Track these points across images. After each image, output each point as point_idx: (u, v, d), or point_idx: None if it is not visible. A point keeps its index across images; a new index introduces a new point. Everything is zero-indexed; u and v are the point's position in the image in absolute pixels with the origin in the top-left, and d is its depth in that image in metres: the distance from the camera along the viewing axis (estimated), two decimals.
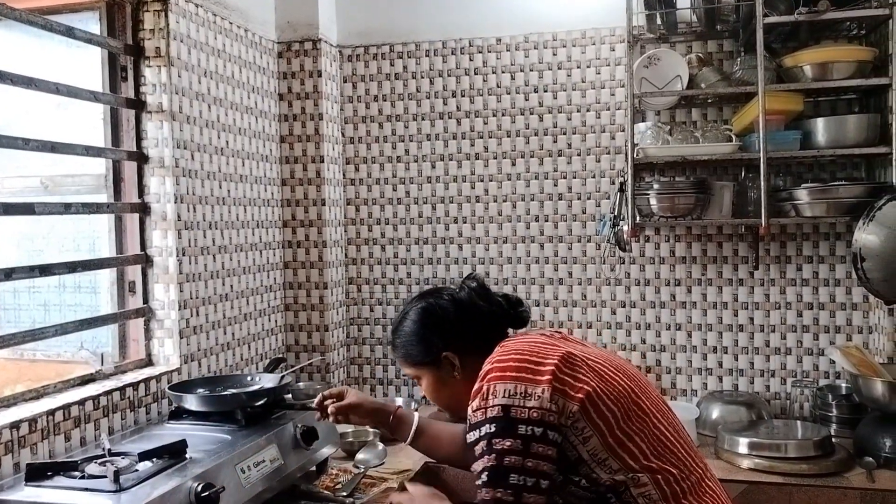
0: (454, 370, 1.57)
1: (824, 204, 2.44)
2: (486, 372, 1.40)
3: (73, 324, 2.05)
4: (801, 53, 2.47)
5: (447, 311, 1.59)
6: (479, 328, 1.58)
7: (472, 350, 1.54)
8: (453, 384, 1.58)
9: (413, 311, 1.62)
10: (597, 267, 2.86)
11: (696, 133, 2.62)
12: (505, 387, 1.35)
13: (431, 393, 1.62)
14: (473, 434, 1.37)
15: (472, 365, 1.52)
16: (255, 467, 1.84)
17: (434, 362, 1.58)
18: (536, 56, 2.89)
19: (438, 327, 1.58)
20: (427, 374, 1.61)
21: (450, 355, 1.56)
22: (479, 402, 1.37)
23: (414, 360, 1.61)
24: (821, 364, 2.70)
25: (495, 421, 1.33)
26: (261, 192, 2.79)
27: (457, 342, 1.57)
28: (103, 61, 2.27)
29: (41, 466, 1.65)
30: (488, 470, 1.32)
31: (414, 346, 1.60)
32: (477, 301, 1.60)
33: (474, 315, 1.59)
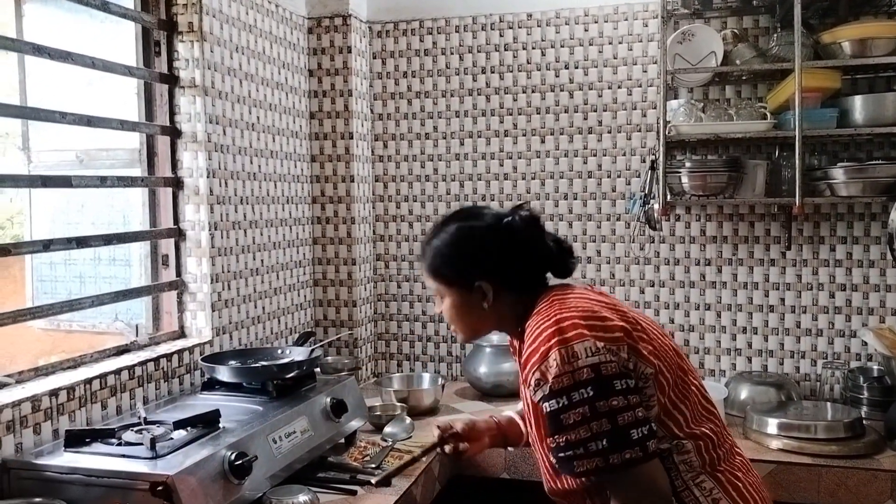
0: (484, 300, 1.46)
1: (860, 183, 2.40)
2: (552, 332, 1.30)
3: (109, 295, 2.09)
4: (839, 29, 2.41)
5: (488, 239, 1.47)
6: (521, 265, 1.46)
7: (509, 285, 1.46)
8: (478, 313, 1.47)
9: (452, 230, 1.49)
10: (626, 246, 2.85)
11: (730, 110, 2.59)
12: (585, 346, 1.27)
13: (452, 314, 1.51)
14: (559, 401, 1.25)
15: (504, 299, 1.45)
16: (287, 438, 1.87)
17: (464, 286, 1.47)
18: (567, 32, 2.86)
19: (476, 254, 1.46)
20: (453, 296, 1.49)
21: (484, 285, 1.45)
22: (559, 368, 1.26)
23: (443, 279, 1.49)
24: (852, 346, 2.67)
25: (590, 383, 1.25)
26: (290, 168, 2.81)
27: (493, 273, 1.46)
28: (137, 36, 2.28)
29: (79, 433, 1.69)
30: (606, 435, 1.24)
31: (446, 265, 1.49)
32: (525, 235, 1.47)
33: (519, 249, 1.46)
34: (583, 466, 1.25)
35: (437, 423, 1.73)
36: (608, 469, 1.25)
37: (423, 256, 1.53)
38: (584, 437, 1.24)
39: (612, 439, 1.24)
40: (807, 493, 2.13)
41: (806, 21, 2.43)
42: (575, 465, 1.26)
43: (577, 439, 1.25)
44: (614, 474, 1.26)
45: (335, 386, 2.22)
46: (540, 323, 1.35)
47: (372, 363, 3.11)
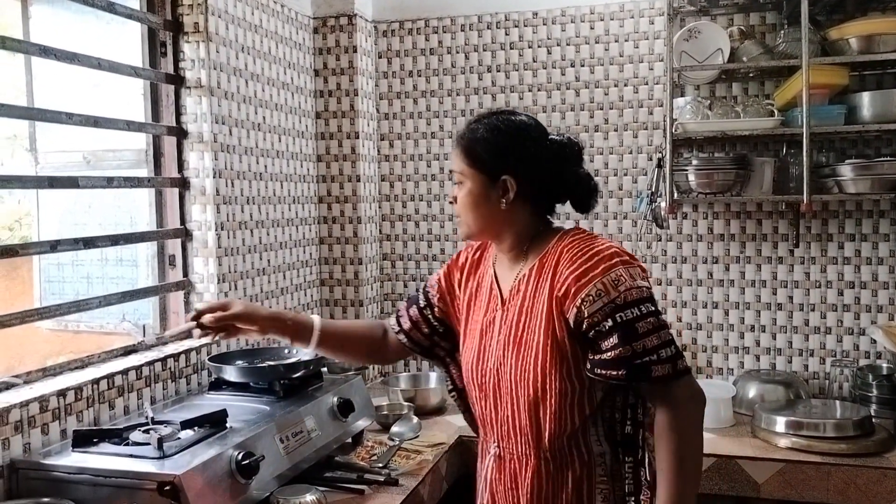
0: (503, 196, 1.43)
1: (868, 180, 2.38)
2: (611, 254, 1.37)
3: (117, 296, 2.09)
4: (846, 26, 2.40)
5: (534, 141, 1.45)
6: (552, 180, 1.45)
7: (531, 195, 1.45)
8: (492, 208, 1.45)
9: (504, 118, 1.47)
10: (633, 244, 2.84)
11: (737, 108, 2.58)
12: (639, 271, 1.38)
13: (465, 203, 1.47)
14: (633, 311, 1.33)
15: (519, 207, 1.45)
16: (294, 437, 1.88)
17: (491, 175, 1.44)
18: (573, 30, 2.85)
19: (516, 148, 1.43)
20: (474, 182, 1.45)
21: (510, 181, 1.42)
22: (628, 283, 1.34)
23: (474, 162, 1.45)
24: (861, 344, 2.66)
25: (650, 300, 1.36)
26: (297, 168, 2.81)
27: (524, 174, 1.43)
28: (143, 37, 2.29)
29: (87, 433, 1.70)
30: (669, 344, 1.35)
31: (484, 148, 1.44)
32: (567, 155, 1.47)
33: (556, 164, 1.45)
34: (658, 371, 1.33)
35: (198, 306, 1.64)
36: (676, 374, 1.34)
37: (461, 136, 1.49)
38: (657, 345, 1.33)
39: (674, 348, 1.35)
40: (816, 491, 2.12)
41: (813, 17, 2.42)
42: (653, 371, 1.33)
43: (652, 346, 1.33)
44: (679, 379, 1.35)
45: (342, 385, 2.22)
46: (592, 243, 1.40)
47: None
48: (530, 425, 1.43)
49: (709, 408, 2.38)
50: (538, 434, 1.43)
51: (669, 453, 1.34)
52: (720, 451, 2.21)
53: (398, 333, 1.70)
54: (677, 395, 1.35)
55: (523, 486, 1.46)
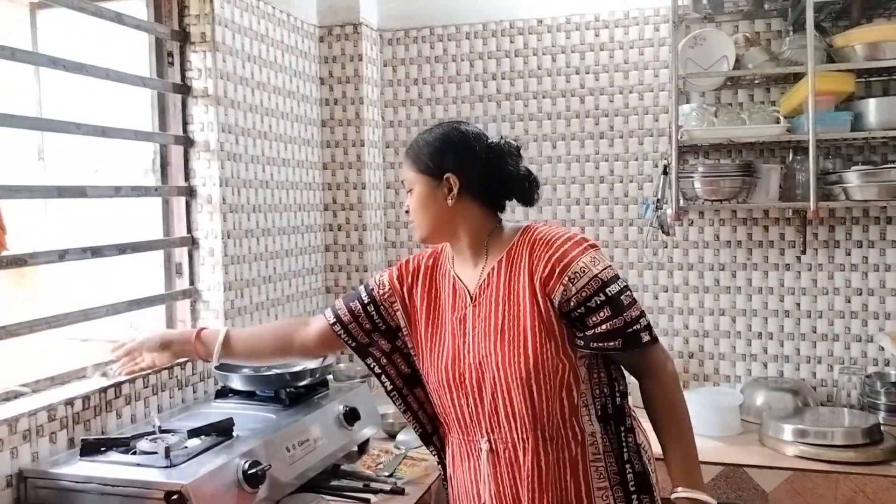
0: (448, 195, 1.53)
1: (875, 187, 2.38)
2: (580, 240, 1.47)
3: (124, 304, 2.10)
4: (852, 32, 2.40)
5: (471, 142, 1.55)
6: (494, 179, 1.55)
7: (476, 192, 1.54)
8: (440, 207, 1.54)
9: (447, 126, 1.59)
10: (639, 251, 2.83)
11: (743, 115, 2.57)
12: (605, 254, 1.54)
13: (416, 205, 1.57)
14: (617, 285, 1.44)
15: (468, 204, 1.54)
16: (300, 446, 1.88)
17: (434, 177, 1.54)
18: (578, 37, 2.86)
19: (459, 150, 1.54)
20: (422, 186, 1.55)
21: (452, 178, 1.52)
22: (602, 263, 1.45)
23: (418, 166, 1.56)
24: (869, 351, 2.64)
25: (620, 277, 1.47)
26: (303, 176, 2.82)
27: (464, 171, 1.53)
28: (150, 46, 2.30)
29: (95, 442, 1.70)
30: (644, 315, 1.45)
31: (427, 153, 1.55)
32: (505, 153, 1.56)
33: (495, 162, 1.55)
34: (647, 335, 1.44)
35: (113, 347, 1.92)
36: (654, 339, 1.46)
37: (408, 147, 1.61)
38: (638, 315, 1.44)
39: (646, 320, 1.46)
40: (824, 500, 2.11)
41: (818, 24, 2.43)
42: (643, 336, 1.44)
43: (638, 314, 1.44)
44: (657, 344, 1.47)
45: (348, 393, 2.22)
46: (560, 233, 1.50)
47: None
48: (526, 407, 1.46)
49: (716, 415, 2.40)
50: (534, 415, 1.46)
51: (671, 414, 1.48)
52: (728, 459, 2.21)
53: (334, 325, 1.69)
54: (659, 358, 1.49)
55: (523, 470, 1.47)
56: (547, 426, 1.46)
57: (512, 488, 1.48)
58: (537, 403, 1.45)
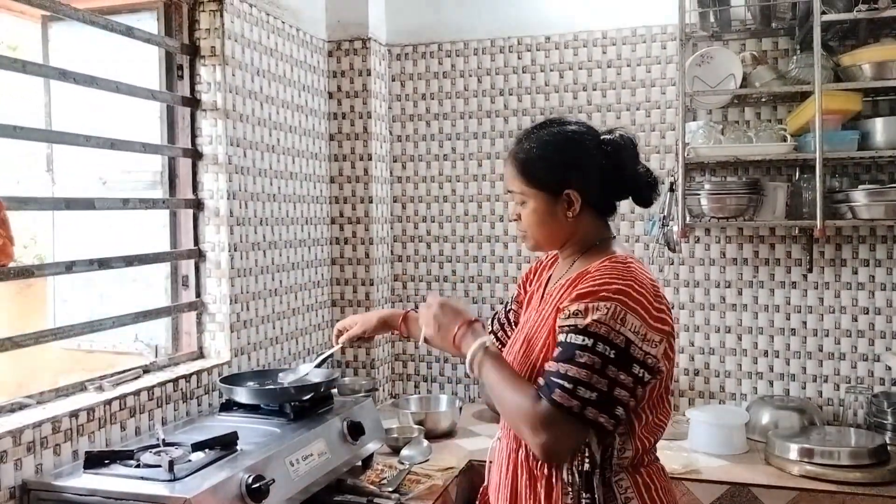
0: (569, 209, 1.44)
1: (882, 206, 2.37)
2: (623, 288, 1.32)
3: (129, 316, 2.11)
4: (859, 52, 2.40)
5: (590, 149, 1.44)
6: (614, 184, 1.46)
7: (594, 201, 1.45)
8: (559, 224, 1.46)
9: (554, 132, 1.46)
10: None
11: (750, 132, 2.58)
12: (635, 322, 1.31)
13: (532, 221, 1.47)
14: (585, 340, 1.29)
15: (584, 216, 1.45)
16: (304, 460, 1.87)
17: (553, 192, 1.44)
18: (586, 54, 2.87)
19: (578, 160, 1.43)
20: (537, 201, 1.46)
21: (573, 195, 1.42)
22: (604, 317, 1.29)
23: (534, 182, 1.45)
24: (876, 370, 2.63)
25: (618, 350, 1.29)
26: (310, 189, 2.83)
27: (587, 185, 1.43)
28: (160, 60, 2.32)
29: (99, 455, 1.70)
30: (598, 392, 1.28)
31: (542, 166, 1.44)
32: (626, 156, 1.46)
33: (618, 168, 1.45)
34: (561, 399, 1.29)
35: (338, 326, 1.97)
36: (576, 417, 1.29)
37: (514, 156, 1.49)
38: (580, 379, 1.29)
39: (601, 400, 1.29)
40: None
41: (826, 43, 2.43)
42: (554, 393, 1.29)
43: (574, 377, 1.29)
44: (571, 417, 1.29)
45: (352, 408, 2.22)
46: (617, 273, 1.36)
47: (389, 384, 3.11)
48: None
49: (722, 434, 2.38)
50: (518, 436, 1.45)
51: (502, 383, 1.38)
52: (733, 478, 2.19)
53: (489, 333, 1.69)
54: (559, 422, 1.30)
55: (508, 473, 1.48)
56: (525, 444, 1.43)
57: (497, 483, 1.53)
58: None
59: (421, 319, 1.63)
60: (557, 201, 1.44)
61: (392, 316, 1.91)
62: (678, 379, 2.80)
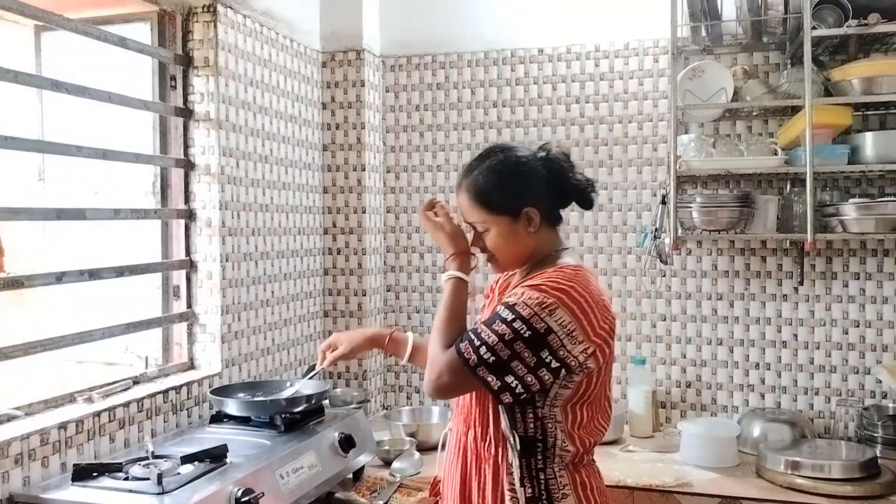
0: (530, 225, 1.54)
1: (872, 220, 2.39)
2: (563, 288, 1.43)
3: (120, 327, 2.10)
4: (849, 67, 2.42)
5: (533, 167, 1.56)
6: (559, 194, 1.58)
7: (548, 214, 1.57)
8: (523, 239, 1.56)
9: (499, 160, 1.57)
10: (637, 279, 2.84)
11: (741, 146, 2.59)
12: (564, 319, 1.41)
13: (499, 244, 1.57)
14: (508, 314, 1.42)
15: (543, 226, 1.56)
16: (294, 473, 1.87)
17: (512, 213, 1.54)
18: (578, 67, 2.88)
19: (524, 181, 1.55)
20: (499, 225, 1.55)
21: (531, 212, 1.54)
22: (536, 306, 1.41)
23: (492, 209, 1.55)
24: (867, 383, 2.64)
25: (534, 332, 1.40)
26: (303, 200, 2.83)
27: (539, 199, 1.55)
28: (153, 70, 2.32)
29: (87, 467, 1.70)
30: (497, 358, 1.41)
31: (497, 193, 1.54)
32: (565, 168, 1.59)
33: (560, 180, 1.57)
34: (463, 350, 1.43)
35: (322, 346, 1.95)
36: (469, 369, 1.42)
37: (468, 189, 1.58)
38: (485, 340, 1.42)
39: (496, 364, 1.41)
40: None
41: (816, 58, 2.45)
42: (462, 344, 1.44)
43: (482, 336, 1.43)
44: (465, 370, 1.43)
45: (344, 420, 2.21)
46: (564, 276, 1.47)
47: (381, 396, 3.10)
48: (465, 404, 1.58)
49: (713, 446, 2.39)
50: (467, 415, 1.56)
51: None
52: (724, 491, 2.19)
53: None
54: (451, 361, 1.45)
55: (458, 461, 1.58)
56: (474, 425, 1.54)
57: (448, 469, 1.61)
58: (476, 400, 1.54)
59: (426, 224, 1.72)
60: (518, 221, 1.55)
61: (379, 335, 1.92)
62: (669, 391, 2.80)
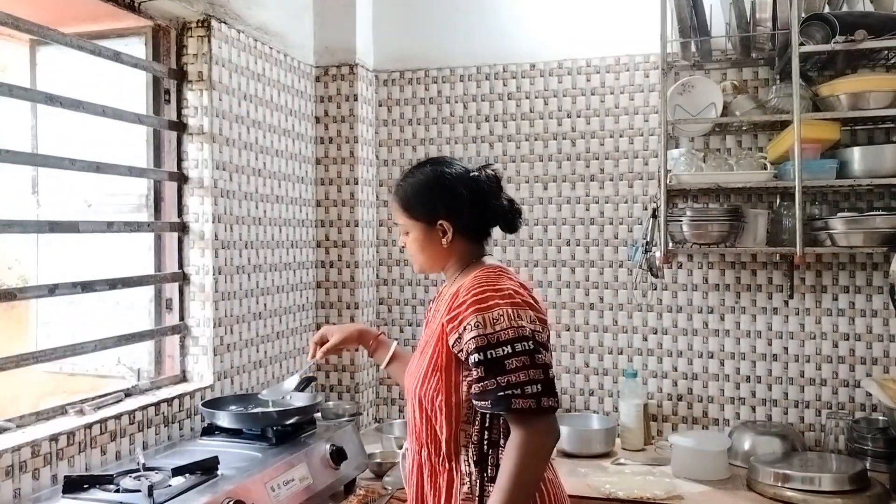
0: (443, 237, 1.64)
1: (861, 234, 2.41)
2: (505, 294, 1.51)
3: (112, 339, 2.10)
4: (837, 82, 2.45)
5: (456, 185, 1.64)
6: (479, 215, 1.66)
7: (465, 229, 1.65)
8: (436, 249, 1.66)
9: (426, 172, 1.68)
10: (628, 293, 2.85)
11: (731, 160, 2.62)
12: (528, 314, 1.51)
13: (414, 248, 1.69)
14: (504, 349, 1.46)
15: (458, 242, 1.65)
16: (285, 485, 1.87)
17: (429, 223, 1.65)
18: (570, 82, 2.91)
19: (443, 196, 1.64)
20: (417, 231, 1.67)
21: (445, 224, 1.64)
22: (507, 322, 1.47)
23: (410, 214, 1.67)
24: (857, 396, 2.65)
25: (530, 340, 1.48)
26: (296, 213, 2.84)
27: (455, 215, 1.64)
28: (147, 84, 2.34)
29: (78, 479, 1.69)
30: (541, 382, 1.46)
31: (417, 202, 1.66)
32: (487, 191, 1.65)
33: (481, 201, 1.64)
34: (518, 404, 1.45)
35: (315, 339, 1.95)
36: (538, 410, 1.45)
37: (396, 193, 1.71)
38: (523, 381, 1.46)
39: (543, 387, 1.47)
40: None
41: (805, 73, 2.48)
42: (513, 403, 1.45)
43: (517, 381, 1.45)
44: (540, 415, 1.46)
45: (336, 432, 2.21)
46: (492, 282, 1.55)
47: (373, 408, 3.10)
48: (414, 419, 1.63)
49: (704, 459, 2.39)
50: (417, 429, 1.61)
51: (506, 471, 1.46)
52: (715, 503, 2.20)
53: None
54: (533, 425, 1.47)
55: (413, 476, 1.65)
56: (427, 443, 1.59)
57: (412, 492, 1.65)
58: (419, 418, 1.60)
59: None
60: (433, 231, 1.65)
61: (368, 333, 1.97)
62: (661, 404, 2.81)
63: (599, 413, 2.86)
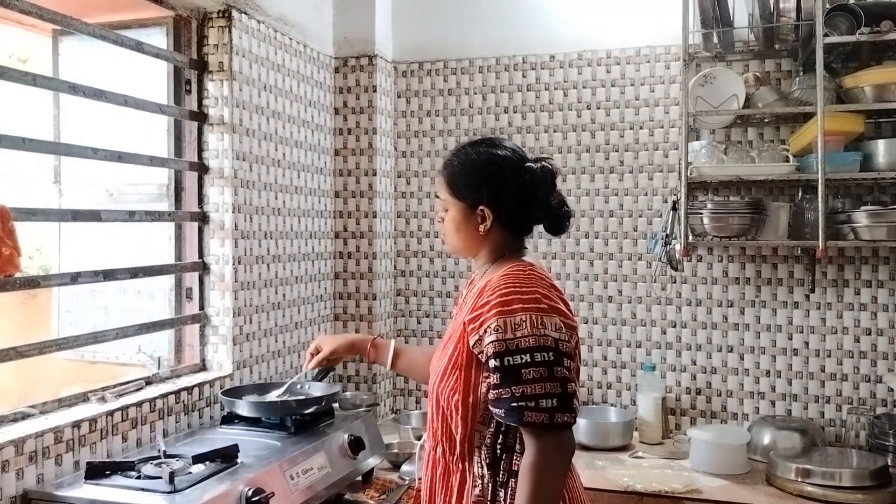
0: (481, 224, 1.56)
1: (884, 227, 2.38)
2: (531, 298, 1.43)
3: (133, 328, 2.12)
4: (861, 74, 2.42)
5: (507, 174, 1.55)
6: (524, 209, 1.57)
7: (506, 221, 1.56)
8: (471, 233, 1.58)
9: (480, 152, 1.58)
10: (647, 286, 2.84)
11: (752, 153, 2.59)
12: (553, 321, 1.43)
13: (450, 227, 1.61)
14: (523, 357, 1.39)
15: (496, 232, 1.56)
16: (304, 474, 1.88)
17: (470, 205, 1.56)
18: (590, 73, 2.89)
19: (493, 182, 1.55)
20: (456, 210, 1.59)
21: (486, 211, 1.55)
22: (528, 329, 1.40)
23: (454, 192, 1.59)
24: (878, 391, 2.62)
25: (551, 350, 1.40)
26: (314, 204, 2.84)
27: (499, 205, 1.55)
28: (168, 74, 2.35)
29: (100, 465, 1.71)
30: (557, 396, 1.39)
31: (462, 182, 1.57)
32: (538, 186, 1.56)
33: (529, 195, 1.55)
34: (531, 418, 1.39)
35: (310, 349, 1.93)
36: (551, 425, 1.39)
37: (444, 167, 1.63)
38: (539, 393, 1.39)
39: (559, 401, 1.39)
40: None
41: (828, 65, 2.44)
42: (525, 416, 1.39)
43: (532, 393, 1.39)
44: (553, 430, 1.40)
45: (353, 422, 2.22)
46: (520, 283, 1.47)
47: (391, 399, 3.11)
48: (432, 413, 1.57)
49: (723, 454, 2.38)
50: (435, 424, 1.56)
51: (523, 493, 1.40)
52: (734, 498, 2.19)
53: None
54: (546, 441, 1.41)
55: (427, 470, 1.61)
56: (442, 440, 1.54)
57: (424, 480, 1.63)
58: (436, 414, 1.55)
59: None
60: (472, 215, 1.57)
61: (360, 341, 1.93)
62: (679, 398, 2.80)
63: (617, 406, 2.85)
